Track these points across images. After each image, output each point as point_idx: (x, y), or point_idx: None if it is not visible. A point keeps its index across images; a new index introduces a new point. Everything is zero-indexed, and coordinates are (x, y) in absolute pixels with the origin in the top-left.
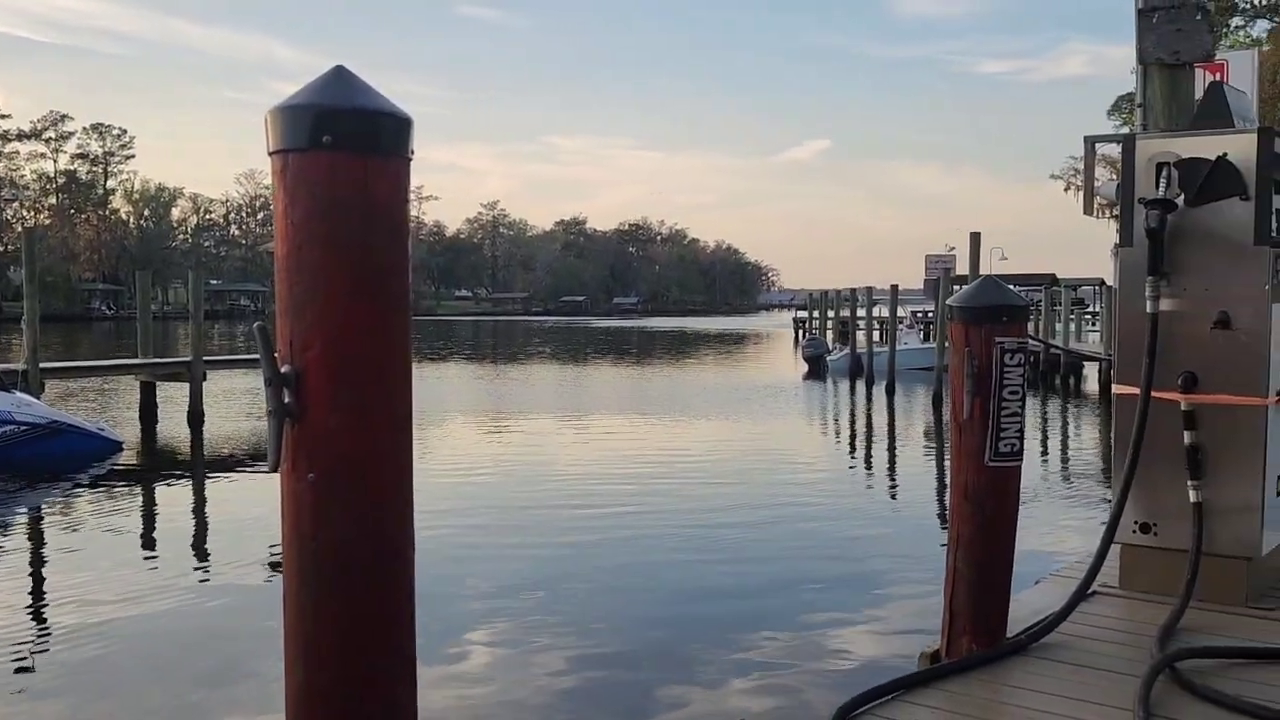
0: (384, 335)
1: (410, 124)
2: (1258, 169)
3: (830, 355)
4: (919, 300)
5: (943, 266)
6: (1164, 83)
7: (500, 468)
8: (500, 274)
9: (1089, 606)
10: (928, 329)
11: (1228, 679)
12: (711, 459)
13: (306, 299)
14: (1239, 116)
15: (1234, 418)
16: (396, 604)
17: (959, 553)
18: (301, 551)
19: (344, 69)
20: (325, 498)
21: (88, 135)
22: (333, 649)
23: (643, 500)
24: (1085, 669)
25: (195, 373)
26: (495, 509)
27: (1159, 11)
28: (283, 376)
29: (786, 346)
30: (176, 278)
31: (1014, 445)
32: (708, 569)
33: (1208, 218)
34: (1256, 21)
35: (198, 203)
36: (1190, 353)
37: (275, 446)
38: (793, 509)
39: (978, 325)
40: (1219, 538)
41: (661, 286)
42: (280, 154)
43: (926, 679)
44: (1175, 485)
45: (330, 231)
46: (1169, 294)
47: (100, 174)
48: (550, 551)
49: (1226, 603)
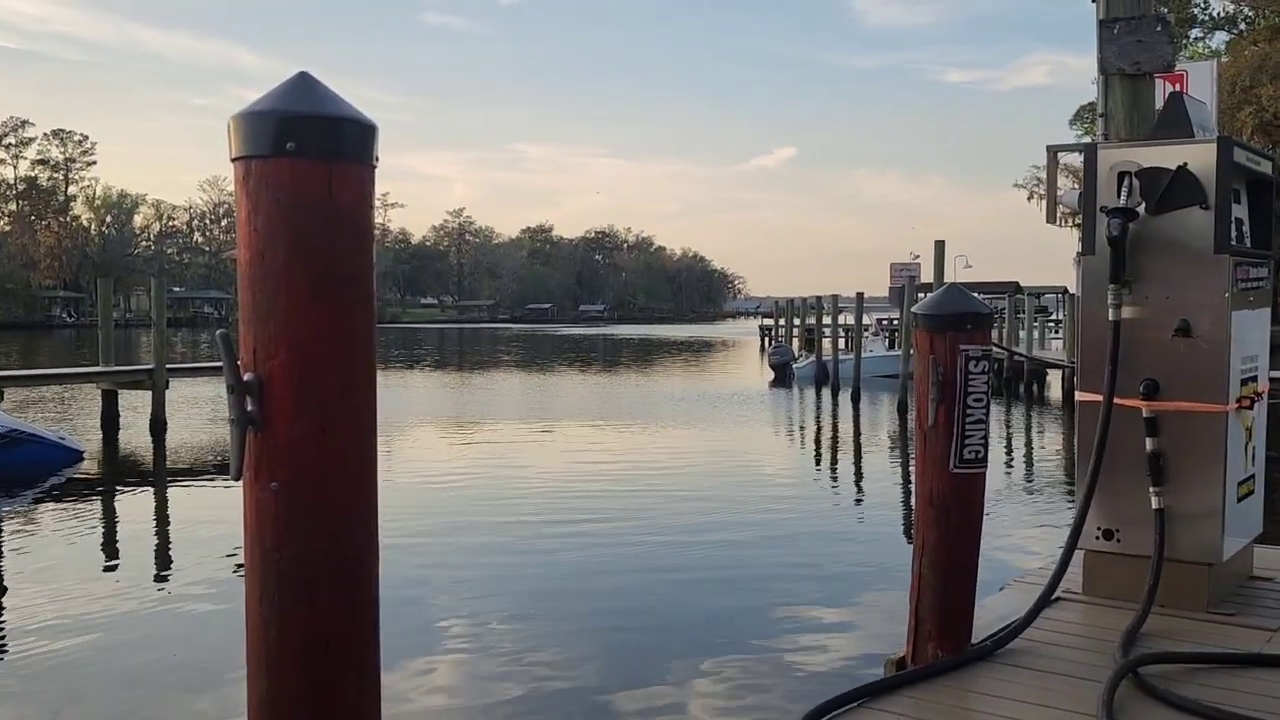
0: (348, 342)
1: (375, 130)
2: (1217, 178)
3: (796, 363)
4: (884, 308)
5: (908, 274)
6: (1125, 93)
7: (466, 477)
8: (466, 281)
9: (1053, 612)
10: (893, 336)
11: (1190, 684)
12: (677, 468)
13: (270, 306)
14: (1199, 126)
15: (1195, 424)
16: (360, 614)
17: (924, 559)
18: (264, 561)
19: (308, 75)
20: (288, 507)
21: (48, 141)
22: (295, 660)
23: (608, 510)
24: (1049, 674)
25: (158, 381)
26: (460, 519)
27: (1120, 23)
28: (245, 384)
29: (752, 354)
30: (139, 285)
31: (978, 452)
32: (672, 578)
33: (1169, 226)
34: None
35: (160, 209)
36: (1152, 360)
37: (238, 455)
38: (758, 517)
39: (942, 333)
40: (1181, 543)
41: (628, 294)
42: (243, 160)
43: (892, 686)
44: (1137, 491)
45: (294, 238)
46: (1131, 302)
47: (61, 180)
48: (516, 561)
49: (1188, 608)
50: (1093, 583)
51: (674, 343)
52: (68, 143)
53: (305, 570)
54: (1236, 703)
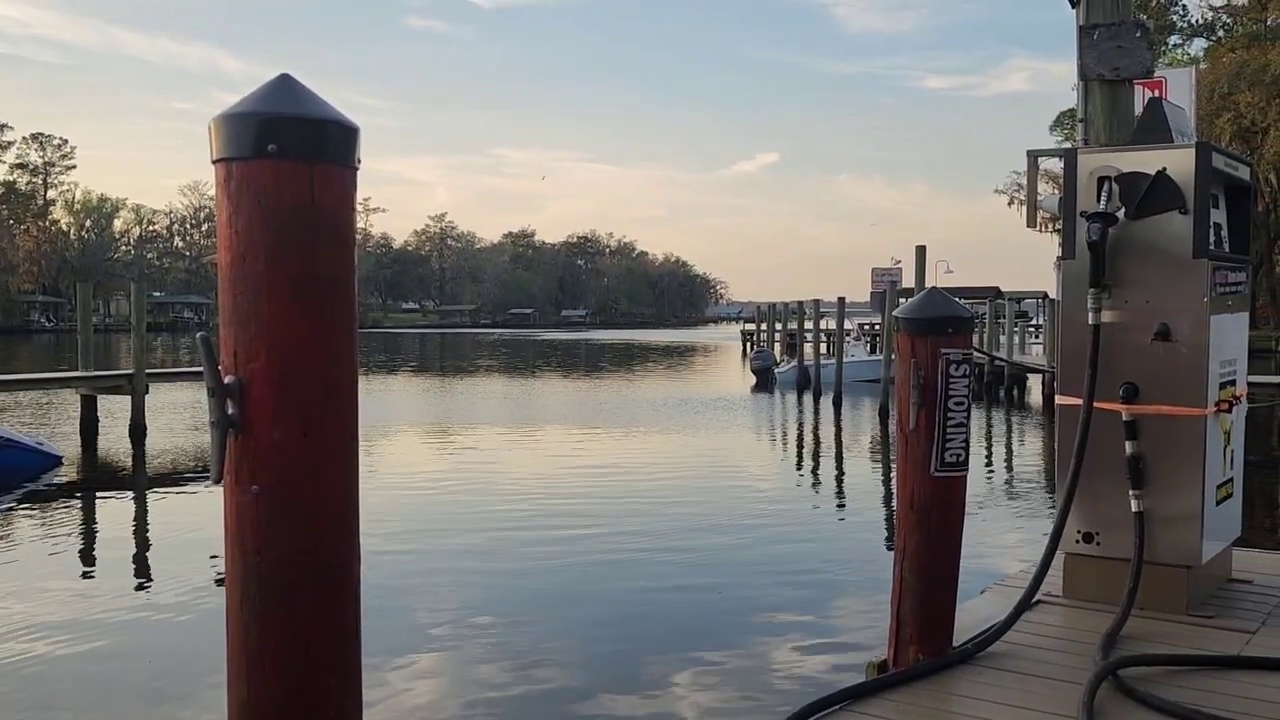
0: (329, 345)
1: (356, 133)
2: (1196, 183)
3: (778, 367)
4: (866, 313)
5: (889, 279)
6: (1104, 98)
7: (448, 482)
8: (448, 286)
9: (1033, 615)
10: (874, 341)
11: (1169, 686)
12: (659, 473)
13: (251, 309)
14: (1178, 132)
15: (1174, 428)
16: (342, 619)
17: (905, 563)
18: (245, 565)
19: (289, 77)
20: (269, 511)
21: (27, 145)
22: (277, 664)
23: (589, 516)
24: (1030, 677)
25: (137, 386)
26: (443, 523)
27: (1100, 29)
28: (226, 387)
29: (734, 359)
30: (118, 290)
31: (959, 456)
32: (654, 583)
33: (1148, 231)
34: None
35: (140, 214)
36: (1131, 364)
37: (218, 459)
38: (740, 521)
39: (923, 337)
40: (1160, 546)
41: (610, 299)
42: (224, 162)
43: (874, 689)
44: (1117, 495)
45: (275, 241)
46: (1110, 306)
47: (40, 184)
48: (498, 565)
49: (1168, 611)
50: (1073, 586)
51: (656, 347)
52: (47, 146)
53: (286, 574)
54: (1215, 705)
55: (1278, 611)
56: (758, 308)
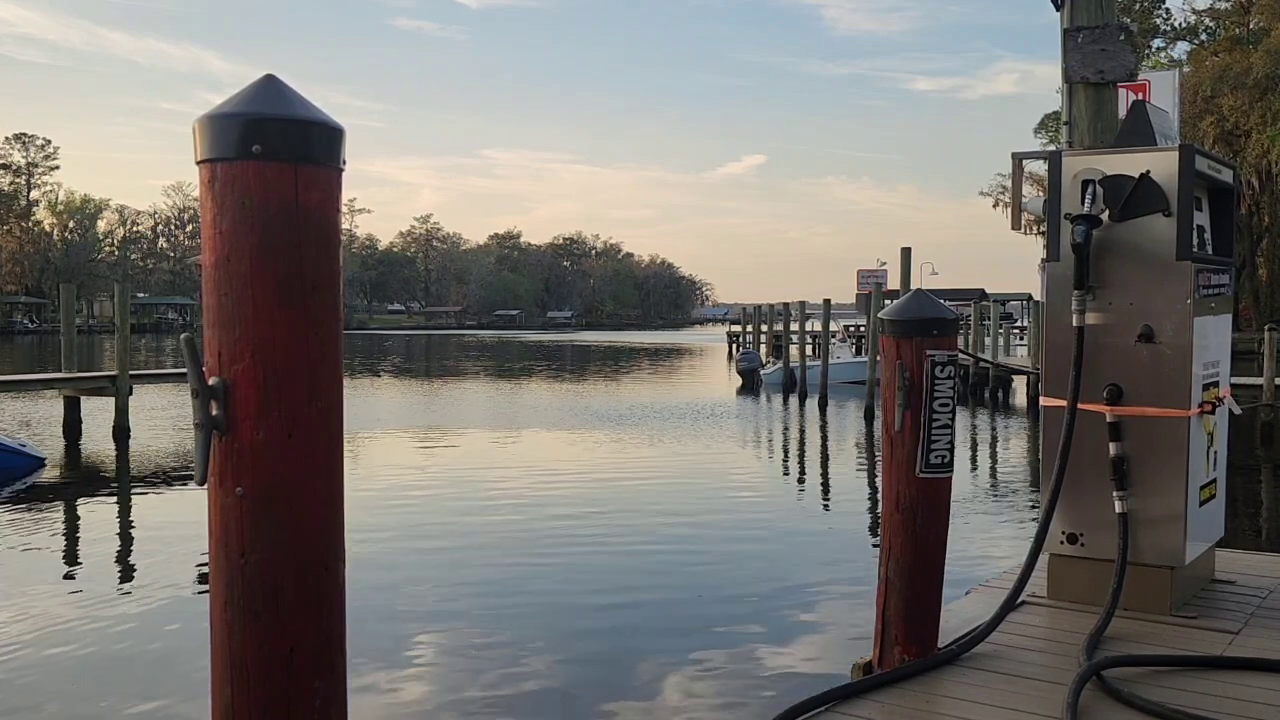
0: (315, 347)
1: (342, 134)
2: (1180, 186)
3: (764, 369)
4: (851, 315)
5: (874, 281)
6: (1089, 101)
7: (433, 484)
8: (433, 287)
9: (1018, 616)
10: (860, 343)
11: (1153, 686)
12: (645, 474)
13: (235, 310)
14: (1161, 135)
15: (1158, 429)
16: (327, 621)
17: (891, 563)
18: (229, 567)
19: (274, 78)
20: (254, 512)
21: (10, 145)
22: (260, 667)
23: (575, 517)
24: (1015, 678)
25: (121, 387)
26: (428, 526)
27: (1084, 32)
28: (210, 389)
29: (720, 361)
30: (102, 291)
31: (944, 457)
32: (640, 585)
33: (1132, 233)
34: (1177, 43)
35: (124, 215)
36: (1115, 366)
37: (203, 460)
38: (726, 523)
39: (909, 338)
40: (1144, 547)
41: (596, 300)
42: (209, 163)
43: (859, 690)
44: (1101, 496)
45: (260, 242)
46: (1094, 308)
47: (23, 185)
48: (483, 569)
49: (1151, 611)
50: (1057, 587)
51: (642, 349)
52: (30, 147)
53: (271, 576)
54: (1199, 705)
55: (1260, 612)
56: (744, 309)
